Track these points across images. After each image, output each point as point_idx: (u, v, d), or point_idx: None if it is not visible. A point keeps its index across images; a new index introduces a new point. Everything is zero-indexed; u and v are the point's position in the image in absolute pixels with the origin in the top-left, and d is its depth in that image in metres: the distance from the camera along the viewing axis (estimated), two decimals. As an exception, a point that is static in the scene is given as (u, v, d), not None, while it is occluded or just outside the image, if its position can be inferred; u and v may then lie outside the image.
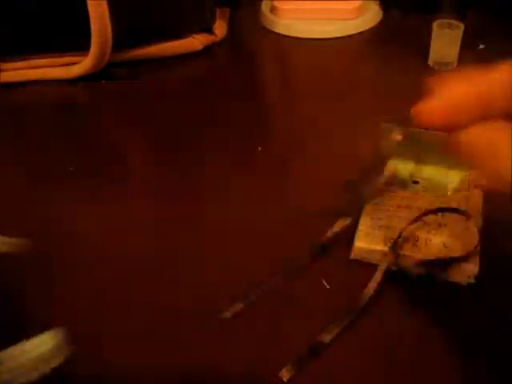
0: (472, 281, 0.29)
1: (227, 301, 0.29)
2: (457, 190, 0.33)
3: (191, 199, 0.37)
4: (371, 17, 0.58)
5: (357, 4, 0.57)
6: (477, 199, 0.32)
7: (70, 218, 0.36)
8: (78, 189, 0.38)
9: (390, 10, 0.60)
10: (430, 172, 0.35)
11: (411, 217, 0.32)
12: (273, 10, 0.59)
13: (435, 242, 0.30)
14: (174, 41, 0.53)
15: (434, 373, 0.26)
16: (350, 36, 0.56)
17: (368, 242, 0.31)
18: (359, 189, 0.33)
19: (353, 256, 0.31)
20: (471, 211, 0.31)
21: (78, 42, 0.48)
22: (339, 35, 0.56)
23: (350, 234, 0.32)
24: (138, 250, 0.33)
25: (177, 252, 0.33)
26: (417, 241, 0.30)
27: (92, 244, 0.34)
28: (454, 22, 0.48)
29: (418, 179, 0.35)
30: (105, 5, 0.45)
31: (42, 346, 0.23)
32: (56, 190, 0.38)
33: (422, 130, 0.34)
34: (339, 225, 0.32)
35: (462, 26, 0.47)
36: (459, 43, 0.48)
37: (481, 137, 0.21)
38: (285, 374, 0.26)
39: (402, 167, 0.36)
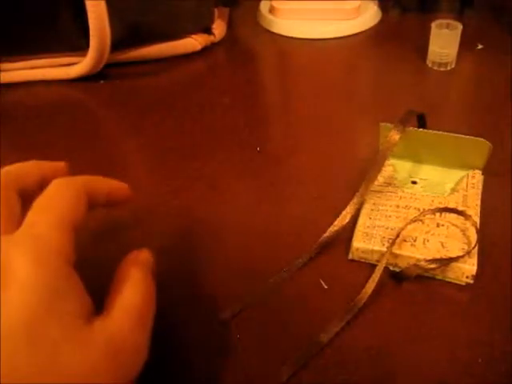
0: (470, 281, 0.29)
1: (226, 301, 0.29)
2: (455, 190, 0.33)
3: (190, 199, 0.37)
4: (370, 17, 0.58)
5: (356, 4, 0.57)
6: (475, 199, 0.32)
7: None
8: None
9: (389, 11, 0.60)
10: (429, 172, 0.35)
11: (409, 217, 0.32)
12: (271, 10, 0.59)
13: (433, 242, 0.30)
14: (173, 41, 0.53)
15: (432, 373, 0.26)
16: (348, 36, 0.56)
17: (366, 242, 0.31)
18: None
19: (351, 256, 0.31)
20: (469, 211, 0.31)
21: (77, 42, 0.49)
22: (338, 35, 0.56)
23: (348, 234, 0.32)
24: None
25: (175, 252, 0.33)
26: (415, 241, 0.30)
27: (92, 244, 0.34)
28: (452, 22, 0.48)
29: (416, 179, 0.35)
30: (103, 5, 0.45)
31: None
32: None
33: (421, 130, 0.34)
34: (337, 224, 0.32)
35: (460, 27, 0.47)
36: (458, 43, 0.48)
37: None
38: (283, 374, 0.26)
39: (400, 167, 0.36)
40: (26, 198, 0.24)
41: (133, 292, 0.23)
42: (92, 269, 0.26)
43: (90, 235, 0.34)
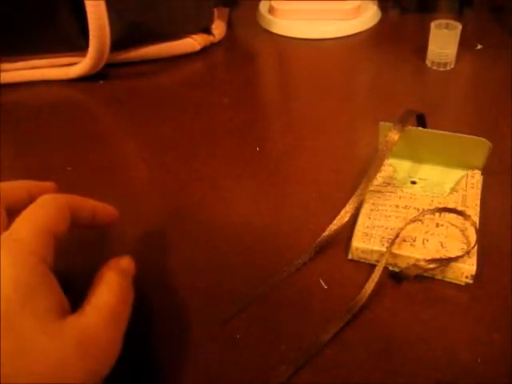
0: (470, 281, 0.29)
1: (225, 301, 0.29)
2: (454, 190, 0.33)
3: (190, 199, 0.37)
4: (369, 17, 0.58)
5: (355, 4, 0.57)
6: (474, 199, 0.32)
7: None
8: (75, 189, 0.38)
9: (389, 11, 0.60)
10: (428, 172, 0.35)
11: (409, 217, 0.32)
12: (271, 10, 0.59)
13: (433, 242, 0.30)
14: (173, 41, 0.53)
15: (432, 372, 0.26)
16: (348, 36, 0.56)
17: (366, 242, 0.31)
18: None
19: (350, 256, 0.31)
20: (469, 211, 0.31)
21: (77, 42, 0.49)
22: (338, 35, 0.56)
23: (347, 234, 0.32)
24: (136, 255, 0.33)
25: (174, 252, 0.33)
26: (414, 241, 0.30)
27: (91, 248, 0.34)
28: (451, 22, 0.48)
29: (415, 179, 0.35)
30: (103, 6, 0.45)
31: None
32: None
33: (420, 129, 0.34)
34: (337, 223, 0.32)
35: (459, 26, 0.47)
36: (457, 43, 0.48)
37: None
38: (283, 374, 0.26)
39: (399, 167, 0.36)
40: (14, 214, 0.25)
41: (107, 292, 0.24)
42: (93, 269, 0.26)
43: (91, 234, 0.34)
